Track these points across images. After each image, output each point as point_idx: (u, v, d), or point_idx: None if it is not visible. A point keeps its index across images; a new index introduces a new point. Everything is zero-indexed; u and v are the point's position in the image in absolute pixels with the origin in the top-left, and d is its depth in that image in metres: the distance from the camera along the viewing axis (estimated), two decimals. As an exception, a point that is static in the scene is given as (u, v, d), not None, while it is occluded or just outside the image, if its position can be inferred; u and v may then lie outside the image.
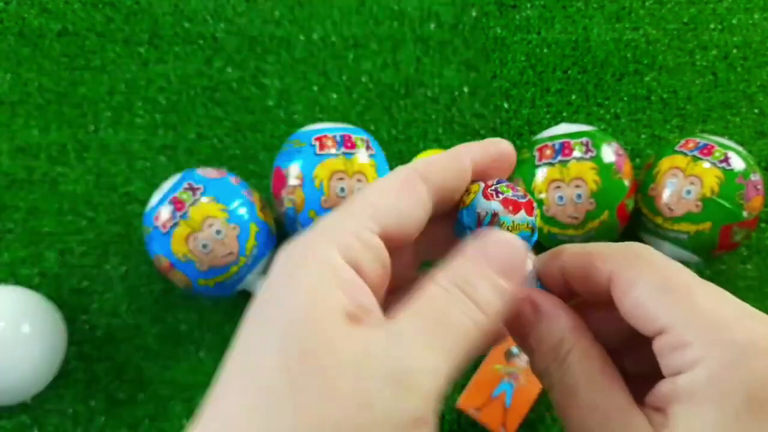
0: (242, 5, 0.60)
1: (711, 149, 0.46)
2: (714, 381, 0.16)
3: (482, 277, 0.18)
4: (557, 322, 0.20)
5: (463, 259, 0.19)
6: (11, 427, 0.48)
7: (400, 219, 0.19)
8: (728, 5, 0.60)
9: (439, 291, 0.18)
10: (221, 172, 0.47)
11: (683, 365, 0.17)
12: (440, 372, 0.17)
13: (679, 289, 0.18)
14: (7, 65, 0.57)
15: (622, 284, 0.19)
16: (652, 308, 0.18)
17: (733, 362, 0.16)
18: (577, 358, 0.19)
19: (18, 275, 0.51)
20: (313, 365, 0.16)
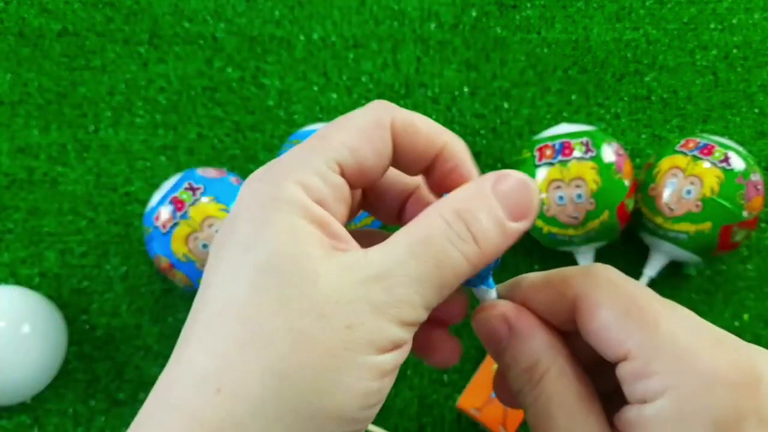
0: (242, 5, 0.60)
1: (711, 149, 0.46)
2: (678, 412, 0.16)
3: (488, 211, 0.18)
4: (532, 342, 0.19)
5: (470, 190, 0.18)
6: (11, 427, 0.48)
7: (360, 163, 0.19)
8: (728, 5, 0.60)
9: (439, 222, 0.18)
10: (221, 172, 0.47)
11: (647, 394, 0.17)
12: (423, 305, 0.17)
13: (645, 314, 0.18)
14: (7, 65, 0.57)
15: (586, 308, 0.18)
16: (617, 333, 0.18)
17: (697, 393, 0.16)
18: (552, 381, 0.19)
19: (18, 275, 0.51)
20: (300, 292, 0.16)
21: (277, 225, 0.17)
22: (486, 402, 0.45)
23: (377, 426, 0.47)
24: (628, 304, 0.18)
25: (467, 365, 0.49)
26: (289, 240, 0.17)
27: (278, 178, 0.18)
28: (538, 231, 0.48)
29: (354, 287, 0.17)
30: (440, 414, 0.48)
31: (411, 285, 0.17)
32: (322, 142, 0.19)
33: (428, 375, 0.49)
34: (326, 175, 0.18)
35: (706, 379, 0.16)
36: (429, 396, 0.49)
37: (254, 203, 0.18)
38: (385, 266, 0.17)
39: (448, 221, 0.18)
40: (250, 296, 0.17)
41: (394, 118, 0.19)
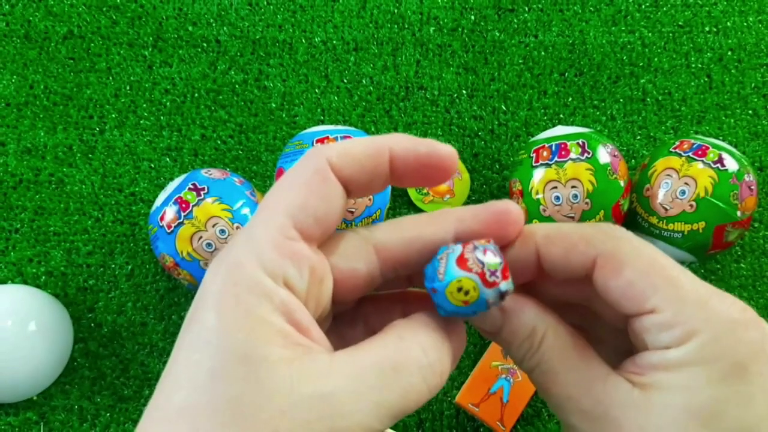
0: (245, 9, 0.60)
1: (705, 150, 0.47)
2: (704, 354, 0.17)
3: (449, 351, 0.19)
4: (526, 314, 0.20)
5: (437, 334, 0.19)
6: (18, 424, 0.48)
7: (315, 216, 0.18)
8: (723, 8, 0.61)
9: (417, 352, 0.18)
10: (225, 173, 0.48)
11: (673, 341, 0.18)
12: (375, 425, 0.17)
13: (665, 272, 0.19)
14: (13, 68, 0.58)
15: (610, 266, 0.19)
16: (642, 290, 0.19)
17: (720, 337, 0.18)
18: (551, 342, 0.20)
19: (25, 274, 0.52)
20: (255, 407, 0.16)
21: (237, 320, 0.17)
22: (484, 397, 0.46)
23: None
24: (650, 262, 0.19)
25: (465, 361, 0.50)
26: (247, 339, 0.16)
27: (238, 261, 0.17)
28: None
29: (310, 404, 0.16)
30: (439, 409, 0.49)
31: (370, 413, 0.17)
32: (271, 210, 0.18)
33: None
34: (284, 246, 0.18)
35: (727, 325, 0.18)
36: (428, 392, 0.49)
37: (217, 288, 0.17)
38: (346, 388, 0.16)
39: (426, 354, 0.18)
40: (205, 403, 0.16)
41: (329, 157, 0.19)
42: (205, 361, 0.16)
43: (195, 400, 0.16)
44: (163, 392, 0.17)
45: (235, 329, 0.16)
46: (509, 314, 0.21)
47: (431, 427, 0.49)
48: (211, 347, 0.16)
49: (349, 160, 0.19)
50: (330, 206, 0.19)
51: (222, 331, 0.17)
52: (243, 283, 0.17)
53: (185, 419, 0.16)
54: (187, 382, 0.16)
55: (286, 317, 0.17)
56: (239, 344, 0.16)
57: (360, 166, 0.19)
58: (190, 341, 0.17)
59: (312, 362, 0.17)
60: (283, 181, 0.19)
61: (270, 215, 0.18)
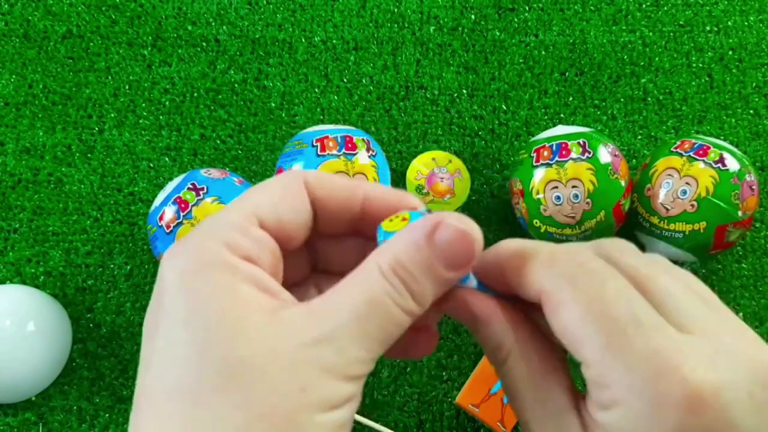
0: (244, 8, 0.60)
1: (706, 150, 0.47)
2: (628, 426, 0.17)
3: (425, 267, 0.18)
4: (493, 327, 0.20)
5: (408, 243, 0.18)
6: (16, 425, 0.48)
7: (279, 217, 0.19)
8: (724, 7, 0.61)
9: (381, 281, 0.18)
10: (224, 173, 0.48)
11: (603, 401, 0.17)
12: (370, 359, 0.18)
13: (606, 318, 0.17)
14: (12, 67, 0.58)
15: (550, 305, 0.19)
16: (575, 340, 0.18)
17: (645, 414, 0.16)
18: (514, 361, 0.20)
19: (23, 274, 0.52)
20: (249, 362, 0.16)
21: (210, 293, 0.17)
22: (484, 398, 0.46)
23: (377, 423, 0.47)
24: (589, 305, 0.18)
25: (466, 362, 0.50)
26: (226, 307, 0.17)
27: (200, 242, 0.18)
28: (536, 230, 0.48)
29: (303, 349, 0.17)
30: (439, 410, 0.49)
31: (359, 343, 0.17)
32: (238, 203, 0.19)
33: (427, 372, 0.50)
34: (247, 229, 0.18)
35: (655, 401, 0.16)
36: (428, 392, 0.49)
37: (180, 273, 0.18)
38: (331, 328, 0.17)
39: (389, 280, 0.18)
40: (196, 376, 0.16)
41: (306, 177, 0.20)
42: (187, 337, 0.17)
43: (187, 375, 0.16)
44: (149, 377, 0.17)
45: (208, 302, 0.17)
46: (479, 322, 0.20)
47: (431, 428, 0.48)
48: (190, 323, 0.17)
49: (324, 184, 0.20)
50: (296, 216, 0.20)
51: (196, 306, 0.17)
52: (208, 260, 0.18)
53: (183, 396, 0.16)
54: (173, 360, 0.17)
55: (255, 284, 0.18)
56: (216, 314, 0.17)
57: (333, 192, 0.20)
58: (164, 323, 0.17)
59: (291, 314, 0.17)
60: (258, 185, 0.20)
61: (235, 207, 0.19)
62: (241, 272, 0.18)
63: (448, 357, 0.50)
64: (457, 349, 0.50)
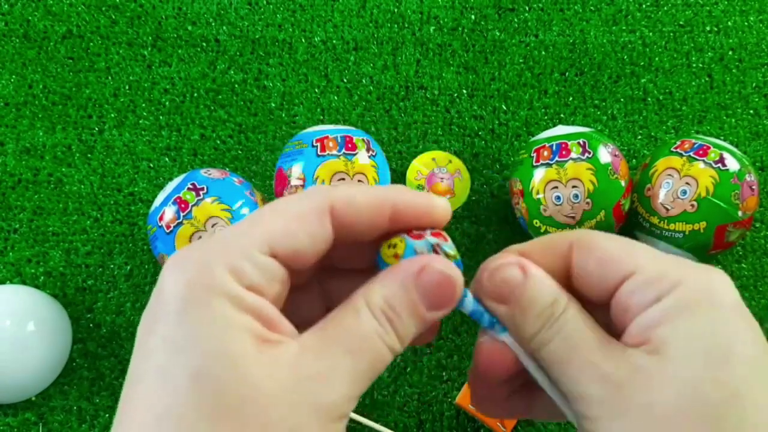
0: (244, 9, 0.60)
1: (706, 150, 0.47)
2: (695, 293, 0.18)
3: (410, 308, 0.19)
4: (550, 283, 0.20)
5: (395, 284, 0.19)
6: (16, 425, 0.48)
7: (294, 248, 0.19)
8: (724, 8, 0.61)
9: (371, 321, 0.19)
10: (224, 173, 0.48)
11: (662, 292, 0.18)
12: (355, 397, 0.18)
13: (638, 244, 0.20)
14: (12, 67, 0.58)
15: (585, 246, 0.20)
16: (621, 256, 0.20)
17: (703, 282, 0.18)
18: (573, 315, 0.20)
19: (24, 274, 0.52)
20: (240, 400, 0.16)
21: (208, 319, 0.17)
22: (484, 398, 0.46)
23: (377, 423, 0.47)
24: (621, 240, 0.20)
25: (466, 362, 0.50)
26: (222, 337, 0.17)
27: (206, 262, 0.18)
28: (536, 230, 0.48)
29: (294, 388, 0.17)
30: (439, 410, 0.49)
31: (349, 383, 0.18)
32: (253, 227, 0.19)
33: (427, 372, 0.50)
34: (255, 257, 0.18)
35: (707, 276, 0.19)
36: (428, 392, 0.49)
37: (182, 291, 0.17)
38: (322, 366, 0.17)
39: (379, 320, 0.19)
40: (191, 405, 0.16)
41: (333, 201, 0.19)
42: (183, 362, 0.16)
43: (177, 404, 0.16)
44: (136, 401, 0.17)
45: (206, 331, 0.17)
46: (532, 278, 0.20)
47: (431, 428, 0.48)
48: (187, 350, 0.17)
49: (351, 210, 0.20)
50: (313, 247, 0.19)
51: (193, 334, 0.17)
52: (212, 286, 0.17)
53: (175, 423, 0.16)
54: (166, 383, 0.16)
55: (256, 317, 0.18)
56: (214, 346, 0.17)
57: (360, 216, 0.20)
58: (157, 347, 0.17)
59: (287, 351, 0.17)
60: (278, 204, 0.19)
61: (248, 230, 0.19)
62: (244, 303, 0.17)
63: (448, 357, 0.50)
64: (457, 349, 0.50)
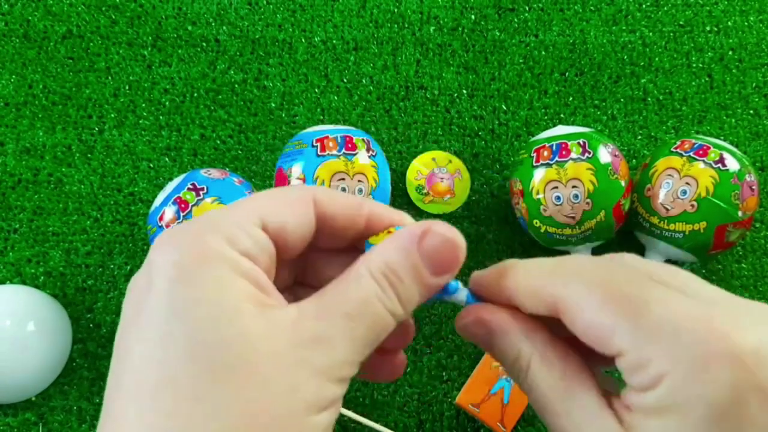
0: (244, 9, 0.60)
1: (706, 150, 0.47)
2: (675, 399, 0.16)
3: (412, 273, 0.19)
4: (510, 337, 0.20)
5: (398, 249, 0.19)
6: (16, 425, 0.48)
7: (283, 225, 0.19)
8: (724, 8, 0.61)
9: (372, 284, 0.18)
10: (224, 173, 0.48)
11: (646, 384, 0.17)
12: (358, 361, 0.18)
13: (629, 302, 0.17)
14: (12, 67, 0.58)
15: (567, 312, 0.19)
16: (603, 332, 0.18)
17: (692, 377, 0.16)
18: (537, 368, 0.19)
19: (23, 274, 0.52)
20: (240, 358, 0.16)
21: (206, 283, 0.17)
22: (485, 398, 0.46)
23: (377, 423, 0.47)
24: (608, 295, 0.18)
25: (466, 362, 0.50)
26: (220, 299, 0.17)
27: (199, 232, 0.18)
28: (536, 230, 0.48)
29: (293, 349, 0.17)
30: (439, 410, 0.49)
31: (349, 344, 0.18)
32: (244, 202, 0.19)
33: (427, 372, 0.50)
34: (249, 228, 0.18)
35: (701, 361, 0.16)
36: (428, 393, 0.49)
37: (175, 264, 0.17)
38: (323, 329, 0.17)
39: (379, 283, 0.18)
40: (186, 368, 0.16)
41: (316, 194, 0.20)
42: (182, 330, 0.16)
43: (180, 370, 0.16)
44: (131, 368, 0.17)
45: (204, 295, 0.17)
46: (494, 334, 0.20)
47: (431, 428, 0.48)
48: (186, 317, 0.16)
49: (333, 200, 0.20)
50: (299, 227, 0.20)
51: (193, 300, 0.17)
52: (207, 254, 0.17)
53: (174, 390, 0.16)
54: (165, 352, 0.16)
55: (252, 282, 0.18)
56: (214, 310, 0.17)
57: (340, 209, 0.20)
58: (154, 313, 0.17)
59: (285, 314, 0.17)
60: (263, 191, 0.20)
61: (240, 206, 0.19)
62: (241, 268, 0.18)
63: (448, 357, 0.50)
64: (457, 349, 0.50)
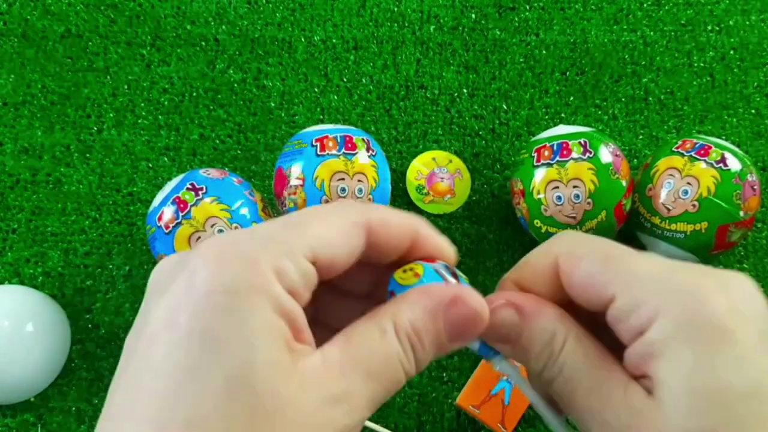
0: (244, 8, 0.60)
1: (708, 150, 0.47)
2: (677, 325, 0.17)
3: (434, 337, 0.19)
4: (545, 318, 0.20)
5: (426, 311, 0.19)
6: (15, 426, 0.48)
7: (333, 257, 0.19)
8: (725, 7, 0.61)
9: (395, 344, 0.18)
10: (223, 173, 0.48)
11: (643, 324, 0.18)
12: (366, 419, 0.18)
13: (619, 257, 0.19)
14: (10, 66, 0.58)
15: (567, 263, 0.20)
16: (600, 278, 0.19)
17: (687, 305, 0.17)
18: (571, 349, 0.20)
19: (22, 274, 0.52)
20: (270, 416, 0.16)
21: (249, 321, 0.16)
22: (485, 399, 0.46)
23: (377, 424, 0.47)
24: (602, 253, 0.20)
25: (466, 363, 0.50)
26: (260, 344, 0.16)
27: (251, 257, 0.17)
28: (537, 230, 0.48)
29: (319, 408, 0.17)
30: (440, 411, 0.49)
31: (367, 406, 0.18)
32: (301, 229, 0.18)
33: (427, 373, 0.50)
34: (299, 259, 0.18)
35: (693, 293, 0.17)
36: (428, 394, 0.49)
37: (224, 283, 0.16)
38: (346, 387, 0.17)
39: (403, 344, 0.18)
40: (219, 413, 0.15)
41: (369, 218, 0.20)
42: (215, 364, 0.16)
43: (208, 408, 0.15)
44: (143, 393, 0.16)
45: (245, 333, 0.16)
46: (527, 317, 0.20)
47: (432, 429, 0.48)
48: (219, 351, 0.16)
49: (384, 231, 0.20)
50: (349, 259, 0.19)
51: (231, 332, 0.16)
52: (255, 284, 0.17)
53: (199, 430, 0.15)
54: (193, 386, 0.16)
55: (289, 322, 0.17)
56: (250, 351, 0.16)
57: (391, 237, 0.20)
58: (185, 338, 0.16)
59: (312, 365, 0.17)
60: (320, 212, 0.19)
61: (296, 231, 0.18)
62: (284, 308, 0.17)
63: (448, 358, 0.50)
64: (458, 349, 0.50)
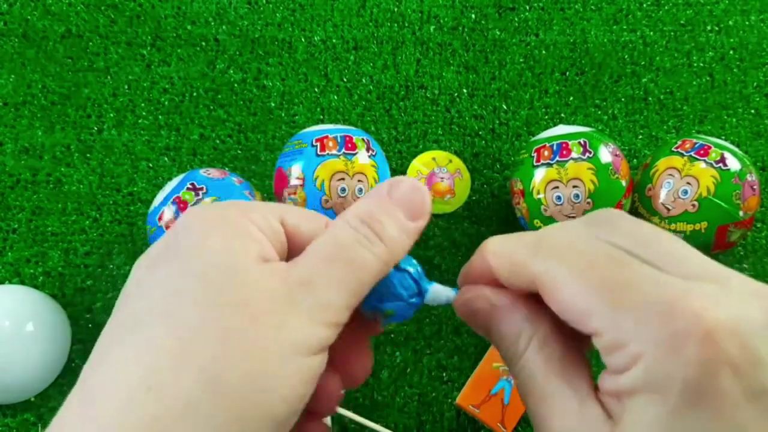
0: (244, 8, 0.60)
1: (707, 150, 0.47)
2: (649, 380, 0.16)
3: (388, 214, 0.20)
4: (513, 315, 0.20)
5: (370, 199, 0.21)
6: (15, 426, 0.48)
7: (298, 225, 0.21)
8: (725, 7, 0.61)
9: (345, 227, 0.20)
10: (224, 173, 0.48)
11: (621, 365, 0.17)
12: (344, 306, 0.19)
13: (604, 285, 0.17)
14: (11, 67, 0.58)
15: (546, 290, 0.19)
16: (581, 311, 0.17)
17: (664, 356, 0.16)
18: (535, 350, 0.19)
19: (22, 274, 0.52)
20: (234, 295, 0.18)
21: (220, 237, 0.19)
22: (485, 399, 0.46)
23: (377, 424, 0.47)
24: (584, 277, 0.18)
25: (466, 362, 0.50)
26: (228, 249, 0.18)
27: (224, 207, 0.20)
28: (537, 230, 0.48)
29: (282, 291, 0.18)
30: (439, 411, 0.49)
31: (331, 288, 0.19)
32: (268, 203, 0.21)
33: (427, 373, 0.50)
34: (269, 218, 0.20)
35: (673, 341, 0.16)
36: (428, 393, 0.49)
37: (200, 220, 0.19)
38: (307, 272, 0.19)
39: (355, 227, 0.20)
40: (183, 301, 0.17)
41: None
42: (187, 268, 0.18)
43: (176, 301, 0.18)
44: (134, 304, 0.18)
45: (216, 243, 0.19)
46: (498, 313, 0.21)
47: (432, 429, 0.48)
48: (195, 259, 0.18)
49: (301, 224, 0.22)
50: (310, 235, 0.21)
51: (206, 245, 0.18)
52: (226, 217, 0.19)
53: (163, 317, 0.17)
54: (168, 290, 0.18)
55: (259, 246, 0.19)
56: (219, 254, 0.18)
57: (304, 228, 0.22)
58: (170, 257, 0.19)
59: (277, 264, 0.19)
60: None
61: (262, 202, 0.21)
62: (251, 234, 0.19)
63: (448, 358, 0.50)
64: (458, 349, 0.50)
